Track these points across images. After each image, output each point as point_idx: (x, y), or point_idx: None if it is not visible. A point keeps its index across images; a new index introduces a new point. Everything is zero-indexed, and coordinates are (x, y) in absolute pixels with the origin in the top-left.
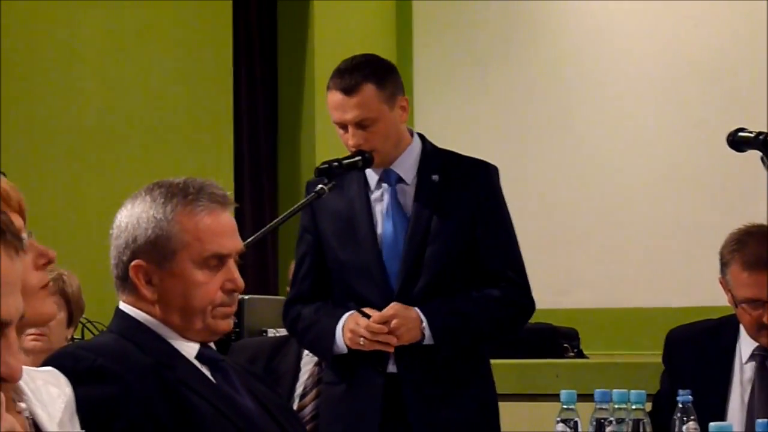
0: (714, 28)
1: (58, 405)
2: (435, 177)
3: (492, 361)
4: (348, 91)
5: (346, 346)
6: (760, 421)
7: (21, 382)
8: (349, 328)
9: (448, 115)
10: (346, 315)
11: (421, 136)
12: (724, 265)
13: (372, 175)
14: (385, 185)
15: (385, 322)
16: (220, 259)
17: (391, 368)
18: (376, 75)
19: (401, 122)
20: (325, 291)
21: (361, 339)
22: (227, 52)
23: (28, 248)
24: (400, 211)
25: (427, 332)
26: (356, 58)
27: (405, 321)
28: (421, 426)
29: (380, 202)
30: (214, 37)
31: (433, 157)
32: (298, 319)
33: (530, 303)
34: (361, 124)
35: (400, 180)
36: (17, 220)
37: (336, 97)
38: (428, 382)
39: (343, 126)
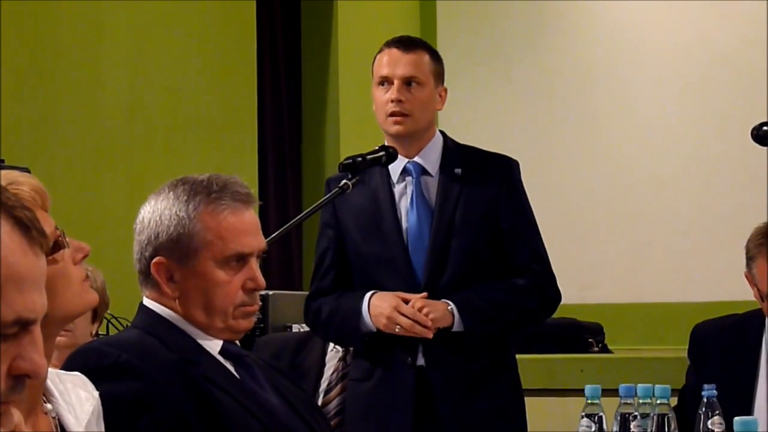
0: (738, 21)
1: (86, 408)
2: (458, 170)
3: (517, 357)
4: (406, 48)
5: (378, 329)
6: None
7: (50, 384)
8: (386, 315)
9: (471, 111)
10: (370, 293)
11: (443, 133)
12: (750, 259)
13: (395, 169)
14: (409, 178)
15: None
16: (242, 259)
17: (419, 361)
18: (431, 51)
19: (436, 108)
20: (346, 286)
21: (398, 327)
22: (251, 48)
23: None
24: (425, 204)
25: (456, 317)
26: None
27: (434, 307)
28: (449, 417)
29: (404, 195)
30: (239, 34)
31: (455, 151)
32: (319, 312)
33: (556, 293)
34: (408, 82)
35: (424, 173)
36: (45, 219)
37: (391, 53)
38: (456, 374)
39: (387, 82)
